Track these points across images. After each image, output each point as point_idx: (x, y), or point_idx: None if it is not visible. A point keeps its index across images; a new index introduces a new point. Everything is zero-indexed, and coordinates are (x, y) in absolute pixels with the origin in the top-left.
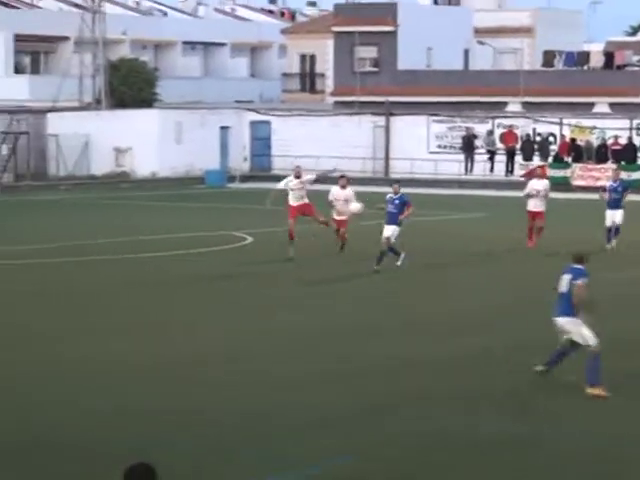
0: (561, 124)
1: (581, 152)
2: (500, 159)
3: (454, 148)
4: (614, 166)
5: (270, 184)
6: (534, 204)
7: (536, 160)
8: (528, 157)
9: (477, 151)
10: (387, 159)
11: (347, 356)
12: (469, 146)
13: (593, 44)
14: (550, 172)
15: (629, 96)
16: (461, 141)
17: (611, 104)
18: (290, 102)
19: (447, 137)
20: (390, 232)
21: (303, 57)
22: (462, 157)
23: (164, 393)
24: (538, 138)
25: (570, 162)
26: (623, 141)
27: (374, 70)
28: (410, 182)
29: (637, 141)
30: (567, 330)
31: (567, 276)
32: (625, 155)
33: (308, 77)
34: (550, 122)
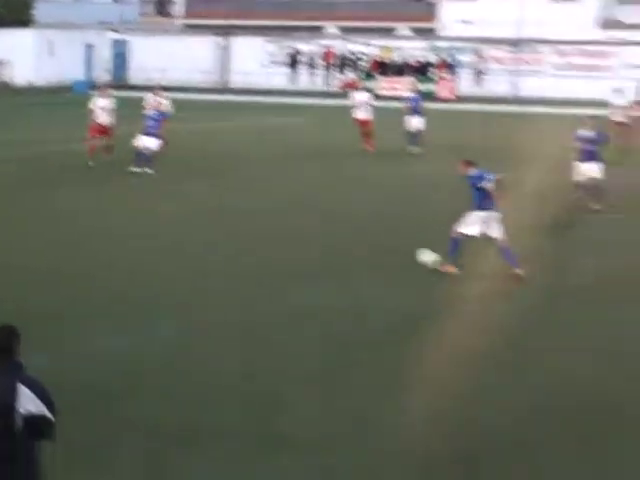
0: (369, 45)
1: (386, 68)
2: (320, 73)
3: (282, 64)
4: (412, 79)
5: (127, 93)
6: (361, 113)
7: (350, 74)
8: (343, 72)
9: (300, 66)
10: (227, 73)
11: None
12: (294, 62)
13: None
14: (361, 84)
15: (425, 22)
16: (288, 58)
17: (412, 29)
18: (146, 24)
19: (277, 55)
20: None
21: None
22: (289, 71)
23: None
24: (352, 56)
25: (377, 76)
26: (420, 59)
27: None
28: (247, 92)
29: (430, 59)
30: (489, 224)
31: (489, 176)
32: (420, 70)
33: (162, 3)
34: (361, 43)
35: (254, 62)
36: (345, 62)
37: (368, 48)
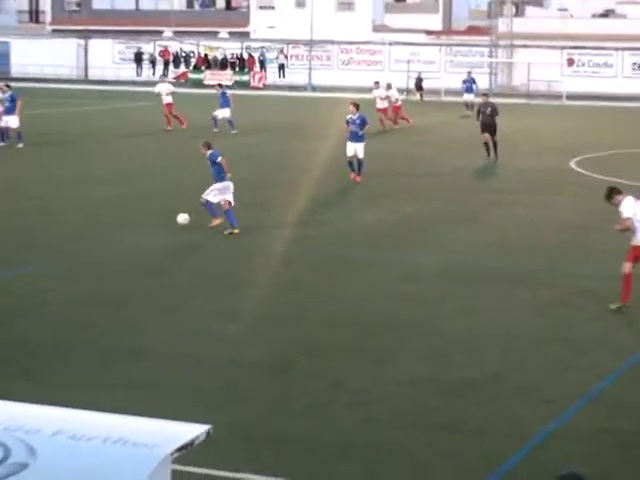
0: (198, 45)
1: (210, 63)
2: (160, 67)
3: (129, 60)
4: (230, 73)
5: (9, 83)
6: (167, 99)
7: (183, 68)
8: (177, 66)
9: (143, 62)
10: (86, 68)
11: None
12: (139, 59)
13: None
14: (191, 75)
15: (241, 27)
16: (133, 56)
17: (229, 32)
18: (22, 29)
19: (125, 53)
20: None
21: (31, 0)
22: (134, 66)
23: None
24: (184, 54)
25: (204, 69)
26: (237, 56)
27: (77, 9)
28: (102, 82)
29: (245, 56)
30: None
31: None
32: (239, 65)
33: (34, 13)
34: (191, 43)
35: (107, 59)
36: (178, 58)
37: (197, 47)
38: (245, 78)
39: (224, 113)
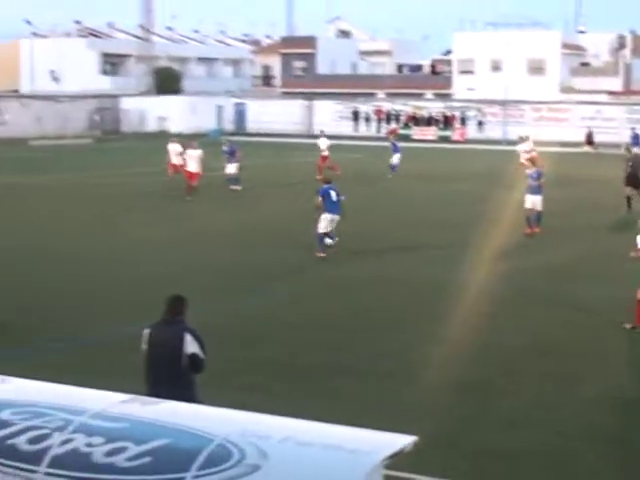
0: (406, 104)
1: (418, 120)
2: (373, 124)
3: (347, 118)
4: (434, 129)
5: (245, 138)
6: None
7: (393, 124)
8: (389, 123)
9: (359, 120)
10: (310, 124)
11: None
12: (356, 117)
13: (424, 59)
14: (400, 131)
15: (443, 89)
16: (351, 114)
17: (434, 94)
18: (256, 92)
19: (343, 112)
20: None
21: (264, 66)
22: (352, 123)
23: None
24: (394, 112)
25: (412, 126)
26: (441, 114)
27: (303, 74)
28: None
29: (447, 114)
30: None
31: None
32: (442, 122)
33: (267, 78)
34: (400, 103)
35: (328, 117)
36: (390, 116)
37: (405, 107)
38: (448, 133)
39: (395, 159)
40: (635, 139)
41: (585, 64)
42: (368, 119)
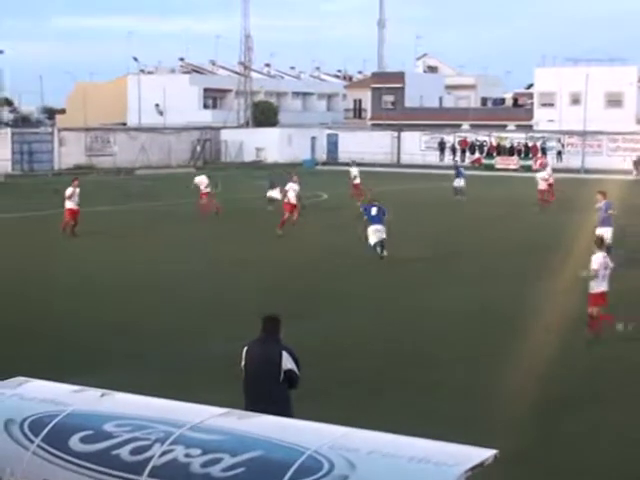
0: (490, 135)
1: (500, 150)
2: (459, 154)
3: (433, 148)
4: (516, 159)
5: (337, 167)
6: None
7: (477, 154)
8: (473, 153)
9: (446, 150)
10: (398, 154)
11: None
12: (442, 147)
13: (507, 93)
14: (484, 161)
15: (525, 121)
16: (437, 145)
17: (516, 125)
18: (348, 124)
19: (430, 142)
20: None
21: (356, 100)
22: (437, 153)
23: None
24: (478, 143)
25: (495, 156)
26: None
27: (392, 107)
28: (410, 166)
29: (529, 144)
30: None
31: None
32: (524, 152)
33: (358, 110)
34: (484, 134)
35: (416, 147)
36: (474, 146)
37: (489, 137)
38: (529, 163)
39: (459, 182)
40: None
41: None
42: (454, 149)
